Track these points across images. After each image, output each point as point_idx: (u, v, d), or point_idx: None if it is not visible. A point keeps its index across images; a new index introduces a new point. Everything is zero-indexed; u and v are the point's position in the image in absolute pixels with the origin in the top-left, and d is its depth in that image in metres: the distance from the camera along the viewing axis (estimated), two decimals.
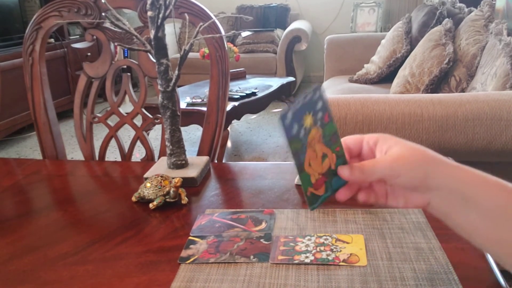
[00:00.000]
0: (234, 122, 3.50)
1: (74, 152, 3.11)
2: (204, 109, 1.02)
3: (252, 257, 0.54)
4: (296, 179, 0.76)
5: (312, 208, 0.45)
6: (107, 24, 1.00)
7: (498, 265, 0.50)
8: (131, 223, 0.65)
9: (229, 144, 3.28)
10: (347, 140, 0.47)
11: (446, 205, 0.43)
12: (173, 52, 4.50)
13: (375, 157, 0.45)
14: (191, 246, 0.58)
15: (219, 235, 0.60)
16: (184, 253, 0.56)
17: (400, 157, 0.43)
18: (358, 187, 0.46)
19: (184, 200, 0.71)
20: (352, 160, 0.47)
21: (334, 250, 0.55)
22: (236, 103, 2.68)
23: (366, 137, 0.47)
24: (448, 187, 0.42)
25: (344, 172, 0.44)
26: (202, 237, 0.60)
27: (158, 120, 0.99)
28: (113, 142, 1.04)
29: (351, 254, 0.54)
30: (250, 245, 0.57)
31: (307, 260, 0.53)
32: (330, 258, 0.53)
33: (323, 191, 0.45)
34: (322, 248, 0.55)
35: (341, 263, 0.52)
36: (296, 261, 0.53)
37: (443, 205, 0.43)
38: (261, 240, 0.58)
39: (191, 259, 0.55)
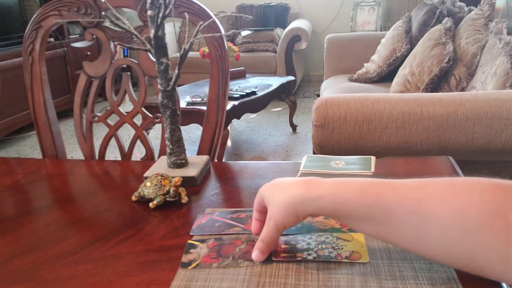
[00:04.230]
0: (234, 121, 3.49)
1: (74, 152, 3.11)
2: (204, 108, 1.02)
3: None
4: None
5: None
6: (107, 23, 1.00)
7: None
8: (131, 222, 0.65)
9: (229, 143, 3.28)
10: (255, 206, 0.57)
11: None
12: (173, 51, 4.50)
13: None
14: (191, 250, 0.57)
15: (219, 238, 0.59)
16: (185, 258, 0.55)
17: (275, 218, 0.52)
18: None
19: (184, 199, 0.71)
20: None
21: (336, 247, 0.55)
22: (236, 102, 2.68)
23: (257, 197, 0.56)
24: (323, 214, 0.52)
25: (255, 257, 0.54)
26: (201, 241, 0.59)
27: (158, 119, 0.99)
28: (113, 141, 1.04)
29: (353, 251, 0.54)
30: (252, 248, 0.56)
31: (310, 257, 0.53)
32: (332, 255, 0.53)
33: None
34: (323, 246, 0.55)
35: (344, 260, 0.52)
36: (299, 258, 0.53)
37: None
38: None
39: (193, 265, 0.54)
